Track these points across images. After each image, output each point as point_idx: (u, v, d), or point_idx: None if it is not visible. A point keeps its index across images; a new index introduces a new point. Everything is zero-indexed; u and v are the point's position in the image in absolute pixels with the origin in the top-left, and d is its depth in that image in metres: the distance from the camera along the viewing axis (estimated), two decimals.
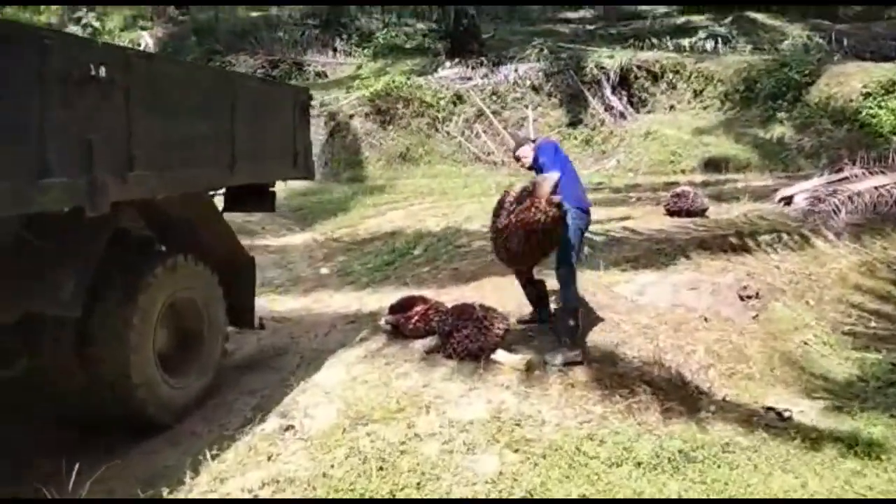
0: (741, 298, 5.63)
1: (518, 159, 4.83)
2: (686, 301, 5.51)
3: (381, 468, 3.02)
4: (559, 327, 4.48)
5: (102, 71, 2.68)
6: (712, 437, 3.69)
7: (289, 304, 6.51)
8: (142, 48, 18.76)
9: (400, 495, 2.83)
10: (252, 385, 4.21)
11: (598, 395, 4.08)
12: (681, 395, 4.29)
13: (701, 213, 8.04)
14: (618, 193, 10.86)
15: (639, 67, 15.03)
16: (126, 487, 2.86)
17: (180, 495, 2.72)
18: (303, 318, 5.88)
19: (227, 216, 5.39)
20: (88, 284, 3.07)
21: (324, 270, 7.80)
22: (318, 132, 14.35)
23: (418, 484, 2.92)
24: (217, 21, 19.21)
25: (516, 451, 3.31)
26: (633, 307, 5.39)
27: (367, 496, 2.79)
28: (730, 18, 17.85)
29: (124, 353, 3.25)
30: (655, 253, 6.74)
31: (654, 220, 8.24)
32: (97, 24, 17.16)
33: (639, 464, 3.29)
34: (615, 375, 4.35)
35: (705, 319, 5.21)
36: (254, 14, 20.66)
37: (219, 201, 4.66)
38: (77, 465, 2.66)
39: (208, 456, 3.01)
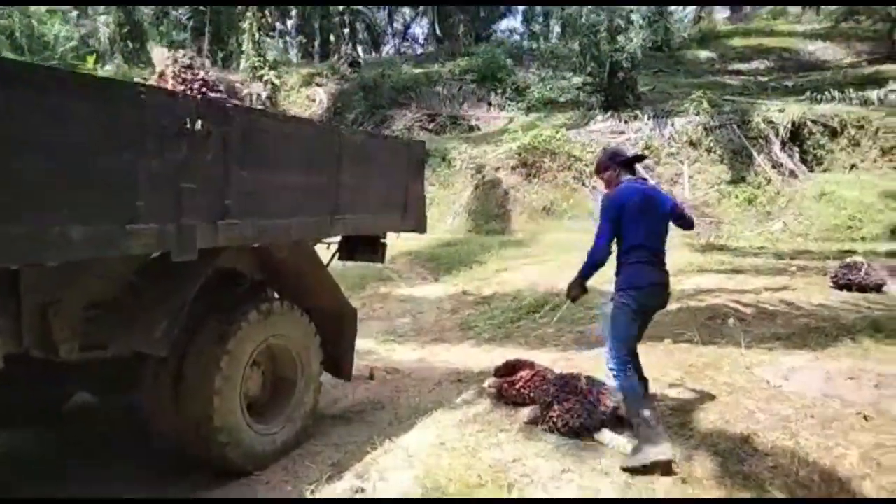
0: None
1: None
2: (842, 393, 4.69)
3: None
4: (629, 415, 3.76)
5: (199, 124, 2.80)
6: None
7: (405, 355, 6.50)
8: (316, 102, 20.51)
9: None
10: (341, 438, 4.15)
11: (715, 495, 3.51)
12: None
13: (876, 288, 6.97)
14: (779, 260, 9.80)
15: (814, 122, 13.74)
16: None
17: None
18: (413, 371, 5.79)
19: (365, 264, 5.49)
20: (182, 325, 3.18)
21: (448, 323, 7.74)
22: (464, 184, 14.64)
23: None
24: (383, 78, 20.49)
25: None
26: (773, 394, 4.68)
27: None
28: None
29: (209, 396, 3.33)
30: (812, 331, 5.89)
31: (818, 293, 7.28)
32: (277, 82, 18.99)
33: None
34: (739, 474, 3.74)
35: (864, 417, 4.37)
36: (417, 70, 21.80)
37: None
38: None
39: None
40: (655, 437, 3.56)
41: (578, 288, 3.89)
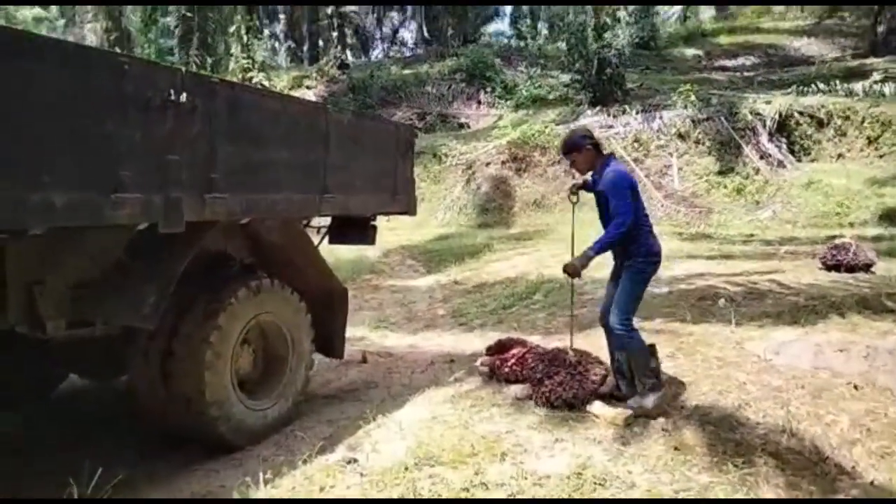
0: None
1: (569, 160, 4.05)
2: (832, 364, 4.72)
3: None
4: (637, 371, 3.87)
5: (183, 97, 2.81)
6: None
7: (398, 341, 6.51)
8: None
9: None
10: (333, 415, 4.15)
11: (706, 461, 3.52)
12: (813, 473, 3.60)
13: (865, 268, 7.02)
14: (769, 246, 9.86)
15: (801, 113, 13.83)
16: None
17: None
18: (405, 354, 5.80)
19: (359, 251, 5.39)
20: (170, 301, 3.17)
21: (440, 311, 7.75)
22: (455, 180, 14.67)
23: None
24: (372, 79, 20.52)
25: None
26: (764, 367, 4.70)
27: None
28: None
29: (199, 371, 3.33)
30: (802, 309, 5.93)
31: (807, 274, 7.33)
32: (267, 83, 18.97)
33: None
34: (731, 442, 3.75)
35: (854, 387, 4.40)
36: (406, 71, 21.84)
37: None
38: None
39: (261, 480, 2.94)
40: (657, 385, 3.79)
41: (583, 266, 3.78)
